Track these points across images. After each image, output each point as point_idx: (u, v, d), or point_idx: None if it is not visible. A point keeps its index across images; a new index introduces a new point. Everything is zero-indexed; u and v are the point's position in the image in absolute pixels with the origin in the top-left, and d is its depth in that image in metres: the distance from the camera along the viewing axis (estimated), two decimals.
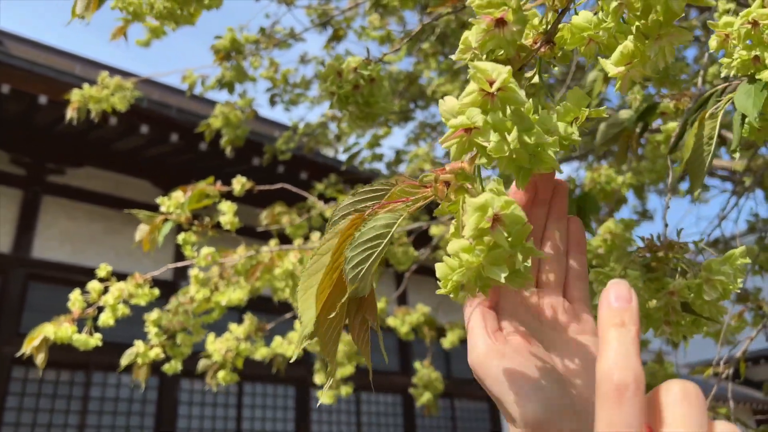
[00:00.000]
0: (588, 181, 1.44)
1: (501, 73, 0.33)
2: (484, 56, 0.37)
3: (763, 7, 0.49)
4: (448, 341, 2.37)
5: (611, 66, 0.37)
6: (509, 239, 0.35)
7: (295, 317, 1.70)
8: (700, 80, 0.88)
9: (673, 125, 0.96)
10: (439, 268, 0.38)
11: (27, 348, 1.23)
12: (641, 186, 1.57)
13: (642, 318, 0.52)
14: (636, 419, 0.26)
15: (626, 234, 1.05)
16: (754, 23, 0.48)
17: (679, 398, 0.27)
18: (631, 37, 0.36)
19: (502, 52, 0.37)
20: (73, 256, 5.95)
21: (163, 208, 1.32)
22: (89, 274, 5.43)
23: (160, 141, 5.88)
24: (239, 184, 1.56)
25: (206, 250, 1.33)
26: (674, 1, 0.33)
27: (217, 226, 1.40)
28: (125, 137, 5.82)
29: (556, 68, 0.40)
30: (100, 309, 1.28)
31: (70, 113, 2.43)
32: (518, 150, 0.35)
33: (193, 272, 1.36)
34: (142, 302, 1.28)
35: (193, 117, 5.63)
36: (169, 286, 5.81)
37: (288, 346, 1.57)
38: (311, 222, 2.07)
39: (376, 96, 0.71)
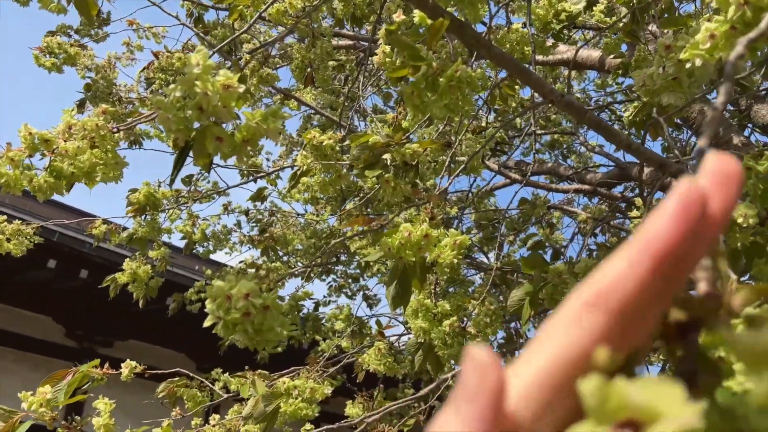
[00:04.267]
0: None
1: None
2: None
3: None
4: None
5: None
6: None
7: None
8: None
9: None
10: None
11: None
12: None
13: None
14: None
15: None
16: None
17: None
18: None
19: None
20: None
21: (24, 405, 1.12)
22: None
23: (68, 276, 5.54)
24: (128, 368, 1.39)
25: None
26: None
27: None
28: (29, 270, 5.45)
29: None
30: None
31: None
32: None
33: None
34: None
35: (108, 253, 5.38)
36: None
37: None
38: (213, 397, 1.88)
39: (270, 323, 0.62)
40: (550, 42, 2.03)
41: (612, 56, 2.23)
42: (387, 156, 1.03)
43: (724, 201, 0.22)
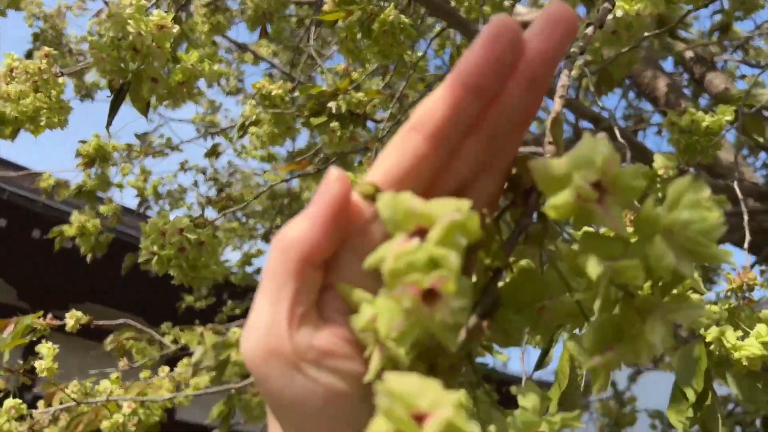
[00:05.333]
0: None
1: (440, 403, 0.19)
2: (406, 349, 0.22)
3: None
4: None
5: (586, 358, 0.23)
6: None
7: None
8: None
9: None
10: None
11: None
12: None
13: None
14: None
15: None
16: None
17: None
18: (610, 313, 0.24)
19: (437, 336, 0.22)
20: None
21: None
22: None
23: (20, 236, 5.41)
24: (73, 318, 1.38)
25: (9, 403, 1.13)
26: (685, 267, 0.21)
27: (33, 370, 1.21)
28: None
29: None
30: None
31: None
32: None
33: None
34: None
35: (62, 213, 5.27)
36: None
37: None
38: (163, 350, 1.89)
39: (204, 259, 0.63)
40: (508, 2, 2.04)
41: None
42: (332, 104, 1.04)
43: (548, 41, 0.23)
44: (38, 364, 1.20)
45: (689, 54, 2.85)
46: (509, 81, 0.23)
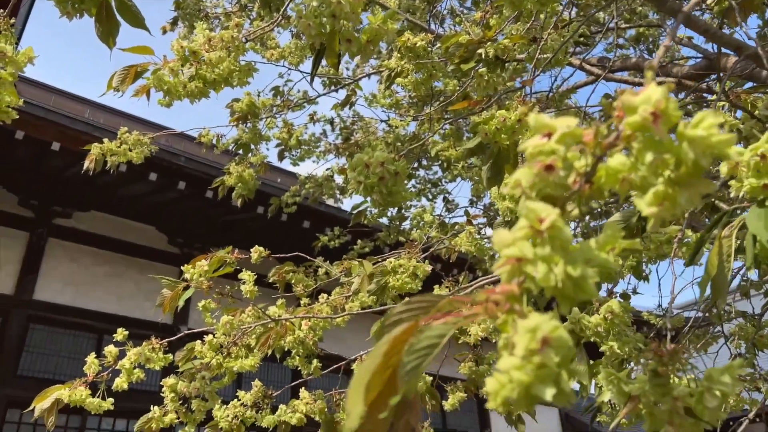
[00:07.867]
0: None
1: (550, 214, 0.39)
2: (534, 194, 0.43)
3: None
4: (449, 404, 2.39)
5: (644, 206, 0.42)
6: (556, 360, 0.38)
7: (302, 383, 1.73)
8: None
9: (674, 228, 1.05)
10: (490, 383, 0.42)
11: (37, 410, 1.26)
12: (639, 264, 1.63)
13: (648, 416, 0.57)
14: None
15: (625, 316, 1.10)
16: (763, 156, 0.55)
17: None
18: (661, 180, 0.42)
19: (549, 190, 0.42)
20: (74, 299, 5.95)
21: (186, 276, 1.37)
22: (89, 316, 5.39)
23: (168, 188, 5.97)
24: (257, 253, 1.62)
25: (225, 319, 1.37)
26: (702, 159, 0.40)
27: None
28: (133, 183, 5.91)
29: (594, 204, 0.44)
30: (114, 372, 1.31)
31: (88, 164, 2.50)
32: (564, 280, 0.39)
33: (208, 338, 1.39)
34: (157, 367, 1.32)
35: (202, 165, 5.75)
36: (168, 330, 5.83)
37: (292, 415, 1.58)
38: (318, 281, 2.12)
39: (398, 187, 0.77)
40: None
41: None
42: (481, 50, 1.15)
43: None
44: (243, 288, 1.44)
45: None
46: None
